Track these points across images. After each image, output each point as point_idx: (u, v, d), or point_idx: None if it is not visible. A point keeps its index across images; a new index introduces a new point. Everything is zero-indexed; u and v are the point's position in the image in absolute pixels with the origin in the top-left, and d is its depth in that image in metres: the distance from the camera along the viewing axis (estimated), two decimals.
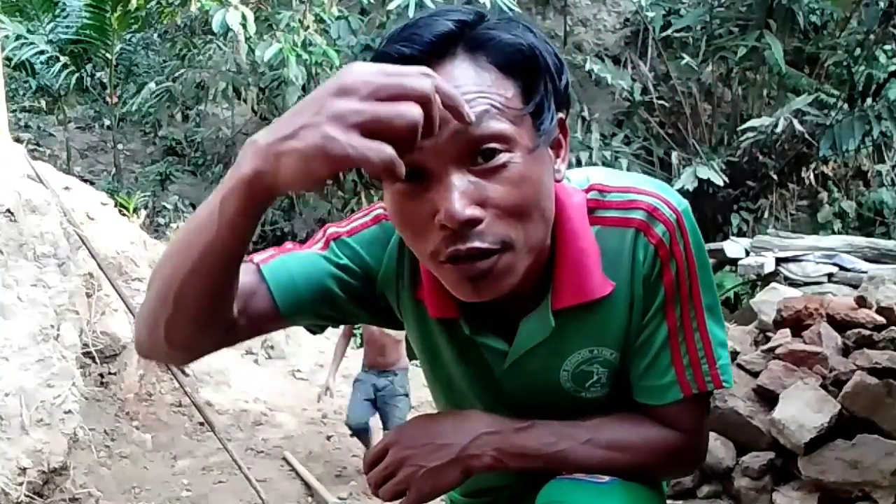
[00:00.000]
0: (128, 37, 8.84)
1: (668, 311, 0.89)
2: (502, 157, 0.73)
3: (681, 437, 0.94)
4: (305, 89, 7.21)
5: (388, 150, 0.61)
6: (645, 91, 7.99)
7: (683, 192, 7.09)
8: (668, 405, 0.92)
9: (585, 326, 0.89)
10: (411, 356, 3.53)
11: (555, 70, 0.78)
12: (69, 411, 2.87)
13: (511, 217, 0.74)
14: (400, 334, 3.26)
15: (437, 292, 0.87)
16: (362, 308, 0.96)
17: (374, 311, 0.98)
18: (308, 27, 6.69)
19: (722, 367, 0.91)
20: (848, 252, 4.85)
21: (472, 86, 0.74)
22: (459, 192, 0.72)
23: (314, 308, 0.93)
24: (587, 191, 0.88)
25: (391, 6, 6.76)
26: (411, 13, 6.66)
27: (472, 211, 0.72)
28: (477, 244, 0.73)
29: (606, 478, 0.91)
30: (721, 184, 6.98)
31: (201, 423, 3.70)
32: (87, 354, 3.48)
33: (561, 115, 0.81)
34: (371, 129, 0.62)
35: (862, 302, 3.08)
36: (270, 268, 0.92)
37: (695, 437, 0.96)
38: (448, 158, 0.72)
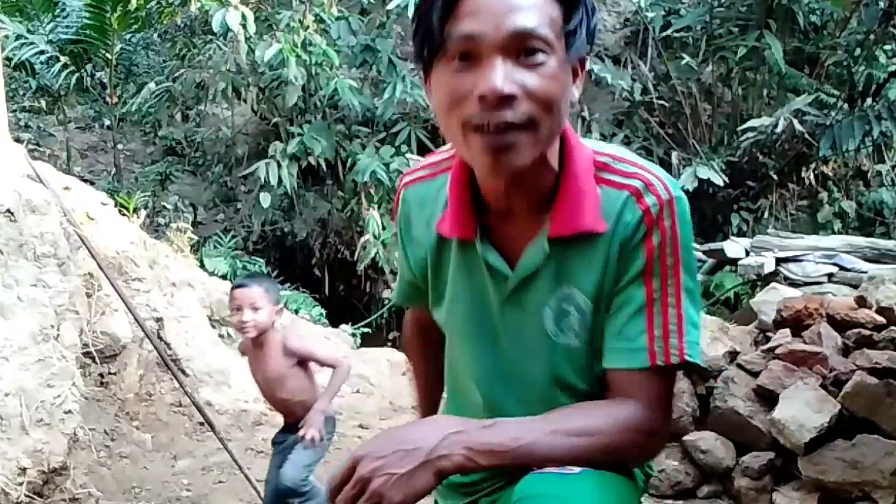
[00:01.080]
0: (128, 37, 8.83)
1: (647, 279, 0.97)
2: (541, 57, 0.89)
3: (645, 412, 0.97)
4: (305, 89, 7.21)
5: None
6: (645, 91, 7.98)
7: (683, 192, 7.08)
8: (635, 372, 0.97)
9: (572, 264, 0.99)
10: None
11: (590, 8, 0.94)
12: (69, 411, 2.87)
13: (538, 104, 0.88)
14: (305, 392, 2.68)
15: (459, 212, 1.02)
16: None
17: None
18: (308, 27, 6.69)
19: (689, 342, 0.98)
20: (848, 252, 4.85)
21: (529, 0, 0.89)
22: (503, 73, 0.87)
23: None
24: (601, 154, 1.01)
25: (391, 6, 6.76)
26: (411, 14, 6.66)
27: (511, 88, 0.87)
28: (508, 117, 0.87)
29: (578, 469, 0.95)
30: (721, 184, 6.98)
31: (201, 423, 3.70)
32: (87, 354, 3.48)
33: (586, 49, 0.95)
34: None
35: (862, 302, 3.08)
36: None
37: (659, 413, 0.99)
38: (498, 48, 0.87)
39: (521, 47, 0.88)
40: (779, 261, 4.86)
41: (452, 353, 1.17)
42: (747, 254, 5.10)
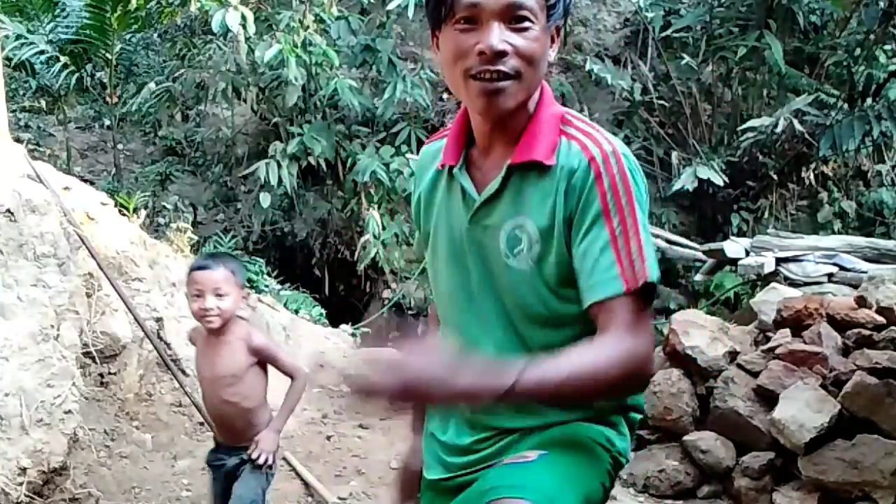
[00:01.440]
0: (128, 37, 8.83)
1: (607, 220, 1.14)
2: (527, 24, 1.14)
3: (631, 340, 1.11)
4: (305, 89, 7.21)
5: None
6: (645, 91, 7.98)
7: (683, 192, 7.11)
8: (613, 301, 1.12)
9: (526, 196, 1.19)
10: None
11: None
12: (69, 411, 2.87)
13: (524, 59, 1.14)
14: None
15: (452, 146, 1.27)
16: None
17: None
18: (308, 27, 6.69)
19: (650, 265, 1.14)
20: (848, 252, 4.85)
21: None
22: (498, 34, 1.13)
23: None
24: (569, 114, 1.24)
25: (391, 6, 6.75)
26: (411, 14, 6.65)
27: (504, 46, 1.12)
28: (501, 67, 1.13)
29: (534, 455, 1.10)
30: (721, 184, 6.98)
31: (201, 423, 3.70)
32: (87, 354, 3.47)
33: (559, 21, 1.20)
34: None
35: (862, 302, 3.08)
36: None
37: (643, 338, 1.12)
38: (495, 15, 1.13)
39: (512, 15, 1.13)
40: (779, 261, 4.85)
41: (437, 282, 1.33)
42: (747, 254, 5.09)
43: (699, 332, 3.21)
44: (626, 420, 1.29)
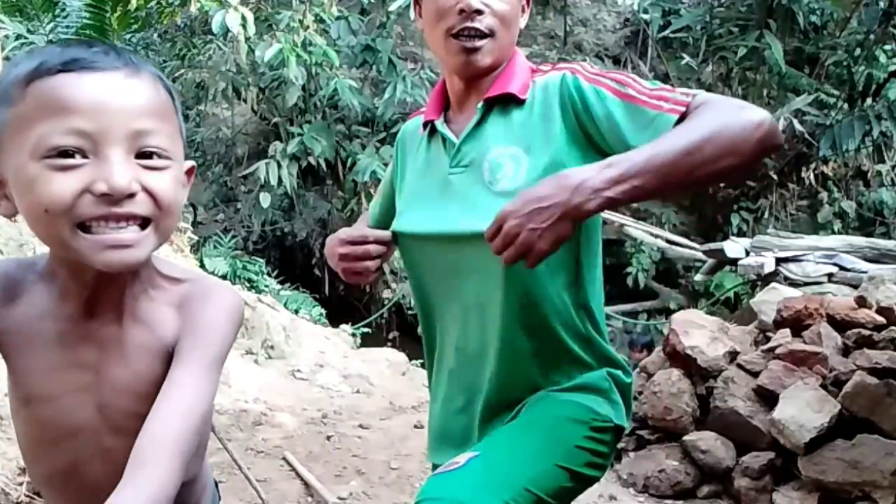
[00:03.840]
0: (128, 37, 8.83)
1: (618, 94, 1.17)
2: None
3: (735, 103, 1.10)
4: (305, 89, 7.21)
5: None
6: None
7: None
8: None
9: (504, 125, 1.27)
10: None
11: None
12: None
13: (498, 18, 1.25)
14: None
15: (431, 107, 1.36)
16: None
17: None
18: (308, 27, 6.69)
19: (679, 94, 1.14)
20: (848, 252, 4.85)
21: None
22: None
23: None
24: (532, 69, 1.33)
25: (392, 7, 6.75)
26: (412, 14, 6.66)
27: (480, 5, 1.23)
28: (477, 25, 1.23)
29: (463, 459, 1.12)
30: (721, 184, 6.98)
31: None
32: None
33: None
34: None
35: (862, 302, 3.08)
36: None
37: (740, 105, 1.10)
38: None
39: None
40: (779, 261, 4.86)
41: (409, 240, 1.33)
42: (747, 254, 5.09)
43: (699, 332, 3.21)
44: (617, 385, 1.28)
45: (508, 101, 1.27)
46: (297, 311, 6.38)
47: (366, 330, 6.97)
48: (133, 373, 0.87)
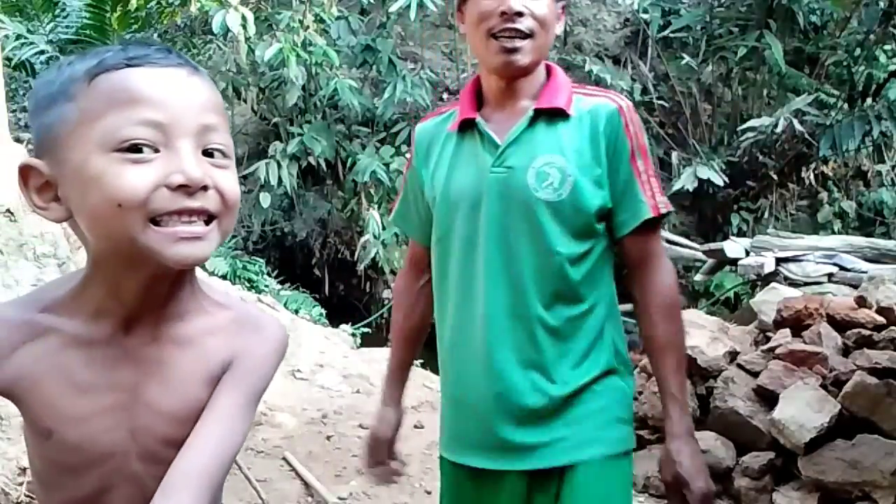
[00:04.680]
0: (128, 37, 8.82)
1: (633, 162, 1.36)
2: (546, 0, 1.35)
3: (667, 265, 1.42)
4: (305, 89, 7.21)
5: None
6: (645, 91, 7.98)
7: (683, 192, 7.10)
8: (643, 229, 1.37)
9: (552, 136, 1.35)
10: None
11: None
12: None
13: (538, 22, 1.33)
14: None
15: (465, 106, 1.41)
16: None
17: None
18: (308, 27, 6.69)
19: (663, 201, 1.38)
20: (848, 252, 4.85)
21: None
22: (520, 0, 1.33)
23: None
24: (576, 83, 1.44)
25: (392, 8, 6.75)
26: (412, 15, 6.65)
27: (521, 7, 1.31)
28: (518, 26, 1.31)
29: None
30: (721, 184, 6.98)
31: None
32: None
33: (564, 2, 1.43)
34: None
35: (862, 302, 3.08)
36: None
37: (666, 261, 1.42)
38: None
39: None
40: (779, 261, 4.86)
41: (447, 233, 1.41)
42: (747, 254, 5.09)
43: (699, 332, 3.21)
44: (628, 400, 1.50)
45: (555, 114, 1.36)
46: (297, 311, 6.38)
47: (366, 330, 6.97)
48: (176, 396, 0.84)
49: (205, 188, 0.77)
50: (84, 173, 0.75)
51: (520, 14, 1.31)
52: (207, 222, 0.78)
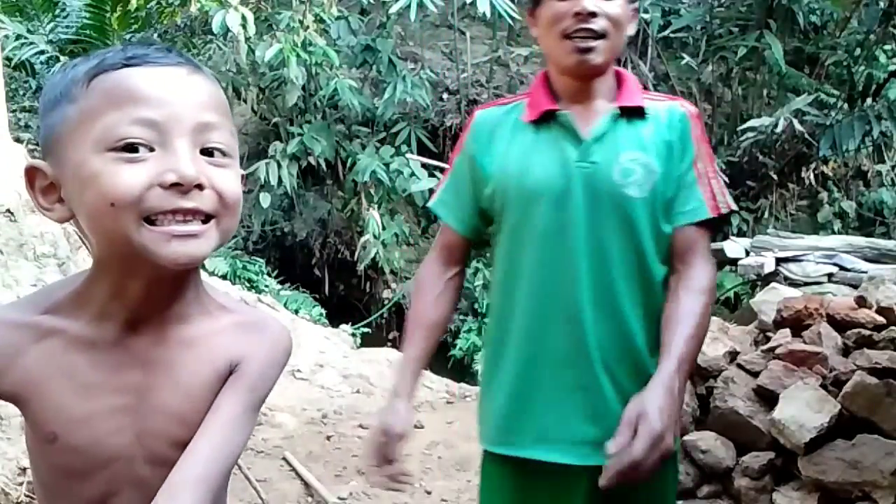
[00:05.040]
0: (128, 37, 8.83)
1: (696, 164, 1.41)
2: (620, 0, 1.38)
3: (709, 266, 1.41)
4: (305, 89, 7.21)
5: None
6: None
7: None
8: (699, 225, 1.40)
9: (633, 134, 1.39)
10: None
11: None
12: None
13: (611, 23, 1.36)
14: None
15: (542, 100, 1.42)
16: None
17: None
18: (308, 27, 6.69)
19: (729, 200, 1.43)
20: (848, 252, 4.85)
21: None
22: (592, 0, 1.35)
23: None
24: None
25: (393, 9, 6.74)
26: (412, 16, 6.65)
27: (595, 7, 1.34)
28: (592, 26, 1.34)
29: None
30: None
31: None
32: None
33: (636, 4, 1.48)
34: None
35: (862, 302, 3.08)
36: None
37: (712, 264, 1.43)
38: None
39: None
40: (779, 261, 4.85)
41: (523, 223, 1.41)
42: (747, 254, 5.09)
43: None
44: None
45: (633, 113, 1.40)
46: (297, 311, 6.38)
47: (366, 330, 6.97)
48: (183, 397, 0.83)
49: (200, 187, 0.76)
50: (82, 173, 0.75)
51: (593, 14, 1.33)
52: (205, 221, 0.78)
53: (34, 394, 0.82)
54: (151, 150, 0.75)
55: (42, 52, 8.14)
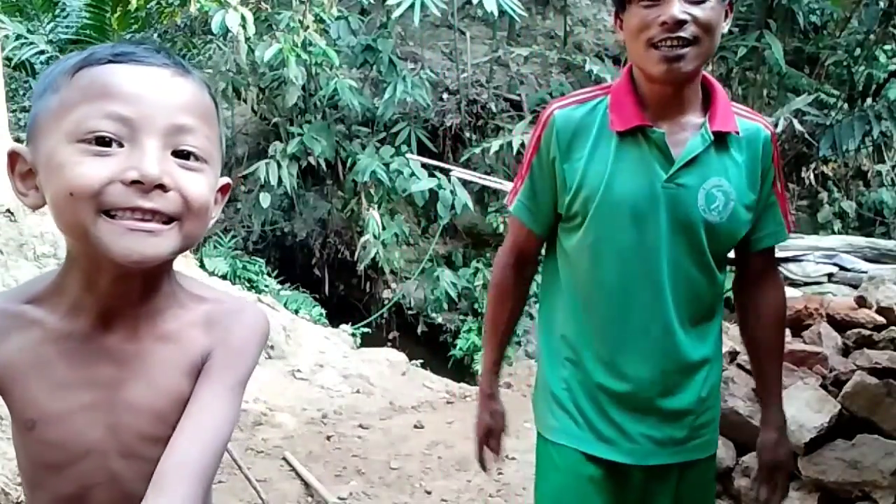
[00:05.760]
0: (128, 37, 8.83)
1: (774, 186, 1.45)
2: (711, 2, 1.30)
3: (782, 290, 1.57)
4: (305, 89, 7.20)
5: None
6: None
7: None
8: (772, 248, 1.50)
9: (722, 160, 1.37)
10: None
11: None
12: None
13: (701, 27, 1.28)
14: None
15: (630, 111, 1.36)
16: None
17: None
18: (308, 27, 6.69)
19: (791, 220, 1.49)
20: (848, 252, 4.85)
21: None
22: (679, 6, 1.27)
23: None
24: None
25: (395, 14, 6.73)
26: (416, 18, 6.65)
27: (684, 15, 1.27)
28: (681, 34, 1.27)
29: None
30: None
31: None
32: None
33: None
34: None
35: (862, 302, 3.08)
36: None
37: (780, 275, 1.57)
38: None
39: None
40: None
41: (602, 241, 1.40)
42: None
43: None
44: None
45: (726, 135, 1.37)
46: (297, 311, 6.38)
47: (366, 330, 6.97)
48: (156, 391, 0.83)
49: (163, 188, 0.76)
50: (51, 161, 0.76)
51: (682, 22, 1.27)
52: (167, 223, 0.78)
53: (14, 381, 0.82)
54: (121, 145, 0.75)
55: (42, 52, 8.14)
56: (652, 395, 1.44)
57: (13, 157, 0.81)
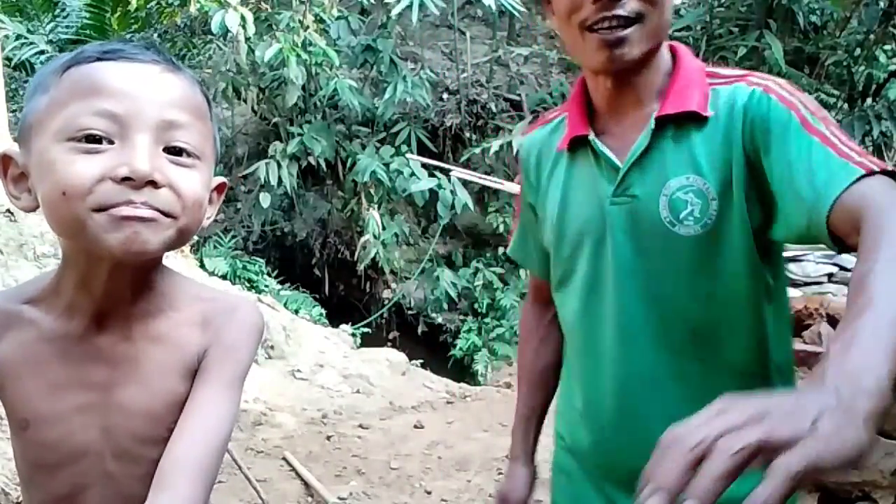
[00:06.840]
0: (128, 37, 8.84)
1: (809, 131, 0.92)
2: None
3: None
4: (305, 89, 7.21)
5: None
6: None
7: None
8: (854, 187, 0.83)
9: (684, 150, 1.02)
10: None
11: None
12: None
13: (645, 1, 0.98)
14: None
15: (574, 120, 1.11)
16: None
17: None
18: (308, 27, 6.69)
19: (877, 161, 0.86)
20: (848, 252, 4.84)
21: None
22: None
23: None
24: (709, 67, 1.11)
25: (394, 12, 6.74)
26: (414, 17, 6.65)
27: None
28: (619, 11, 0.97)
29: None
30: None
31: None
32: None
33: None
34: None
35: None
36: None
37: None
38: None
39: None
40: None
41: (566, 275, 1.15)
42: None
43: None
44: None
45: (685, 118, 1.02)
46: (297, 311, 6.38)
47: (366, 330, 6.97)
48: (150, 392, 0.83)
49: (155, 184, 0.75)
50: (42, 162, 0.76)
51: None
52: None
53: (9, 379, 0.83)
54: (112, 142, 0.75)
55: (42, 52, 8.14)
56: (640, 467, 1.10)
57: (5, 160, 0.80)
